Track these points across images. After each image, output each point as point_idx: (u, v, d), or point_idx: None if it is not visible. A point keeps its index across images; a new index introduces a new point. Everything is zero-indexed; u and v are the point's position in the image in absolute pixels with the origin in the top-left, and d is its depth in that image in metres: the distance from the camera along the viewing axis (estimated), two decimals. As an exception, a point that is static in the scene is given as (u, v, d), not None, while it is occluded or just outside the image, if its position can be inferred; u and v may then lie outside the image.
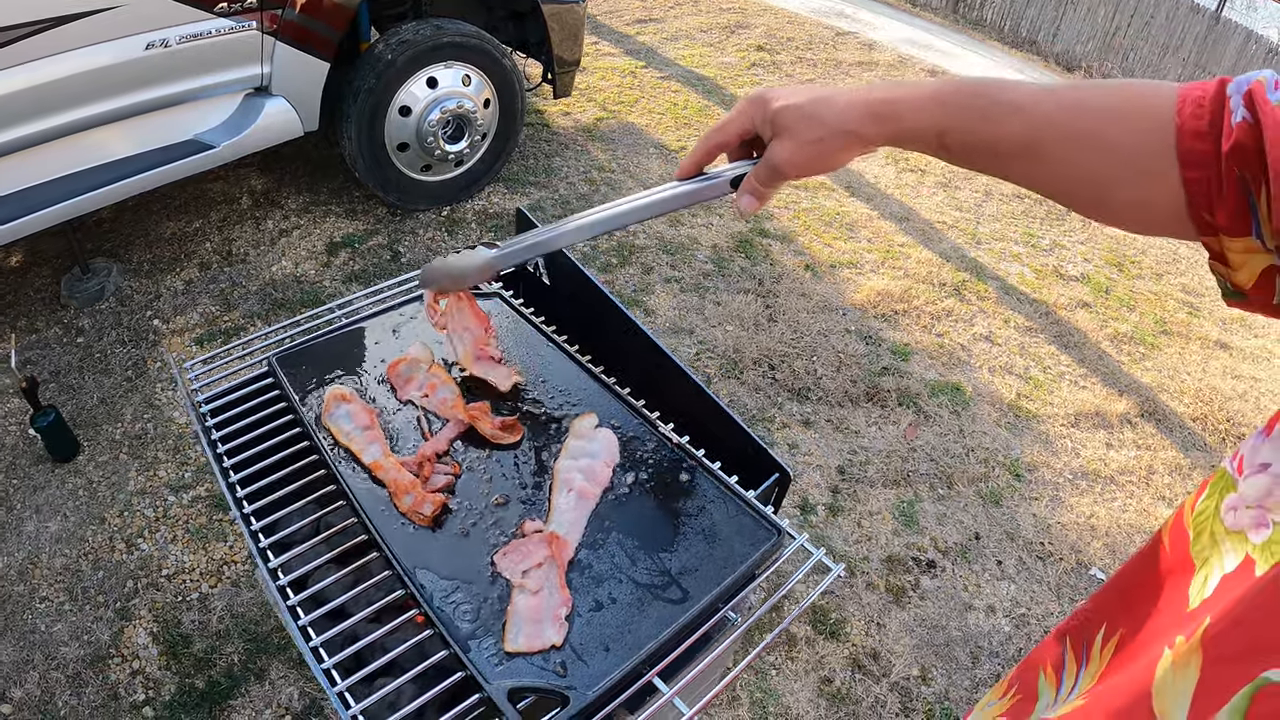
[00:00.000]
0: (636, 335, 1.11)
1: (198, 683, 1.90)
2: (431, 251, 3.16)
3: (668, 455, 1.00)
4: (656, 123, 4.38)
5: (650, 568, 0.85)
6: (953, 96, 0.63)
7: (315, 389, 1.06)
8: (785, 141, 0.69)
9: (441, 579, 0.84)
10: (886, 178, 4.23)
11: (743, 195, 0.75)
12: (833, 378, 2.90)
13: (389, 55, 2.85)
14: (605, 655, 0.77)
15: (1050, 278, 3.67)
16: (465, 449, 1.01)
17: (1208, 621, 0.46)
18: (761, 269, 3.37)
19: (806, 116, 0.67)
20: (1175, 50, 6.38)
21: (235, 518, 0.88)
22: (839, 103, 0.66)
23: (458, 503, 0.94)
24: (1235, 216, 0.52)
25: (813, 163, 0.69)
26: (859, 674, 2.06)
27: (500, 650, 0.77)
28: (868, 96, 0.66)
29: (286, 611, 0.80)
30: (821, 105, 0.67)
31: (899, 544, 2.39)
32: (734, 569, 0.84)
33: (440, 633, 0.78)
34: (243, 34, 2.51)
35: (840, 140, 0.67)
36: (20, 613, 2.01)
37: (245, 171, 3.45)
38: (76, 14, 2.17)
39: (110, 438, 2.38)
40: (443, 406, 1.04)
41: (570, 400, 1.09)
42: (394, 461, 0.93)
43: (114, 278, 2.83)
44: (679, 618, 0.80)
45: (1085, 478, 2.75)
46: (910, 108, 0.64)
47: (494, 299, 1.22)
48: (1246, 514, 0.50)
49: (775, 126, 0.69)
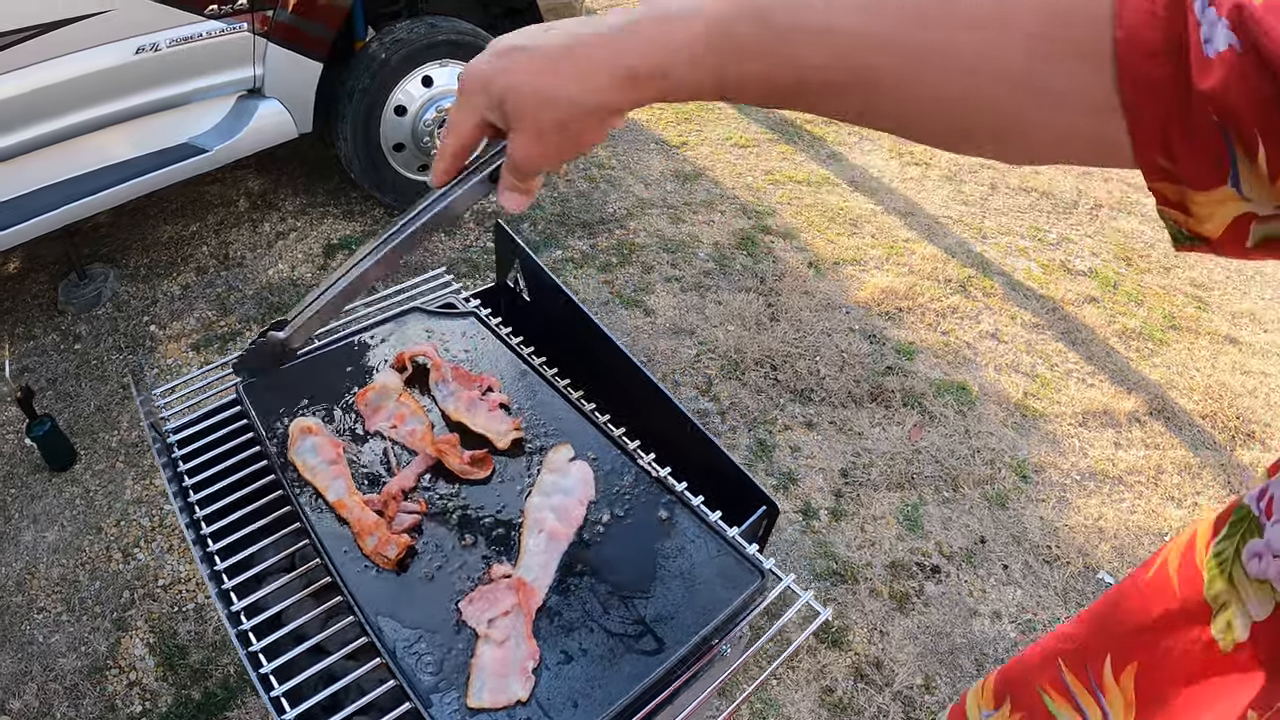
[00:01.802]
0: (620, 357, 1.07)
1: (194, 694, 1.90)
2: (429, 253, 3.14)
3: (646, 490, 0.95)
4: (657, 119, 4.33)
5: (624, 616, 0.81)
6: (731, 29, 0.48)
7: (284, 418, 1.02)
8: (520, 135, 0.56)
9: (405, 627, 0.81)
10: (890, 172, 4.17)
11: (503, 193, 0.64)
12: (836, 378, 2.87)
13: (383, 54, 2.81)
14: (574, 712, 0.74)
15: (1057, 273, 3.61)
16: (433, 484, 0.97)
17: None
18: (764, 267, 3.33)
19: (539, 100, 0.54)
20: None
21: (196, 557, 0.85)
22: (576, 70, 0.52)
23: (424, 543, 0.90)
24: (1206, 166, 0.40)
25: (561, 151, 0.58)
26: (861, 683, 2.03)
27: (464, 705, 0.74)
28: (615, 55, 0.51)
29: (246, 659, 0.77)
30: (553, 80, 0.53)
31: (903, 549, 2.36)
32: (713, 615, 0.81)
33: (401, 685, 0.75)
34: (234, 36, 2.48)
35: (587, 120, 0.54)
36: (18, 624, 2.01)
37: (242, 174, 3.43)
38: (65, 20, 2.14)
39: (107, 446, 2.38)
40: (411, 438, 1.00)
41: (546, 429, 1.05)
42: (358, 500, 0.90)
43: (111, 283, 2.81)
44: (653, 671, 0.76)
45: (1093, 478, 2.71)
46: (677, 60, 0.49)
47: (469, 318, 1.19)
48: (1274, 563, 0.46)
49: (506, 117, 0.56)
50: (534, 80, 0.53)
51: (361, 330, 1.18)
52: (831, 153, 4.25)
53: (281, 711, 0.72)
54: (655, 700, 0.73)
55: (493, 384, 1.06)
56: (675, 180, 3.81)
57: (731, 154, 4.10)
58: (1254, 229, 0.42)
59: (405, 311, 1.21)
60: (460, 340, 1.17)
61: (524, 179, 0.62)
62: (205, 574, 0.85)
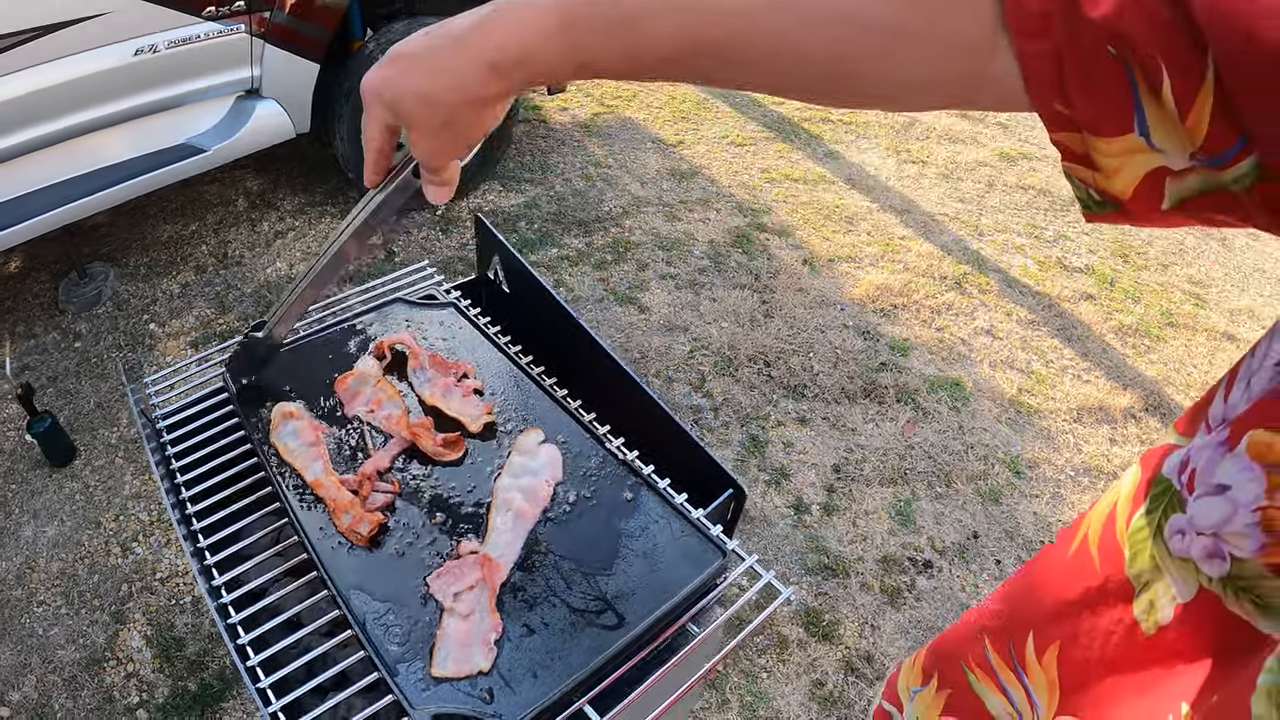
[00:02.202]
0: (592, 345, 1.09)
1: (190, 685, 1.92)
2: (427, 251, 3.16)
3: (613, 472, 0.98)
4: (654, 117, 4.35)
5: (586, 592, 0.83)
6: (577, 13, 0.50)
7: (268, 404, 1.05)
8: (415, 135, 0.61)
9: (375, 600, 0.83)
10: (887, 169, 4.18)
11: (425, 188, 0.70)
12: (829, 374, 2.88)
13: (380, 55, 2.83)
14: (534, 682, 0.75)
15: (1054, 269, 3.62)
16: (406, 466, 1.00)
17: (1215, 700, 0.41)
18: (758, 264, 3.34)
19: (420, 101, 0.57)
20: None
21: (179, 535, 0.88)
22: (445, 69, 0.55)
23: (396, 521, 0.92)
24: (1108, 109, 0.37)
25: (456, 143, 0.62)
26: (852, 676, 2.04)
27: (428, 674, 0.76)
28: (478, 52, 0.53)
29: (225, 631, 0.80)
30: (428, 81, 0.56)
31: (895, 544, 2.37)
32: (674, 593, 0.82)
33: (370, 656, 0.77)
34: (231, 37, 2.51)
35: (468, 111, 0.58)
36: (18, 617, 2.04)
37: (241, 173, 3.46)
38: (65, 22, 2.18)
39: (106, 442, 2.41)
40: (387, 422, 1.03)
41: (519, 414, 1.07)
42: (334, 480, 0.93)
43: (111, 282, 2.85)
44: (612, 644, 0.78)
45: (1087, 474, 2.71)
46: (535, 47, 0.52)
47: (449, 309, 1.21)
48: (1198, 542, 0.43)
49: (401, 120, 0.60)
50: (413, 83, 0.57)
51: (345, 320, 1.21)
52: (828, 151, 4.26)
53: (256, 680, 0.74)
54: (616, 673, 0.75)
55: (468, 370, 1.09)
56: (671, 178, 3.83)
57: (728, 152, 4.12)
58: (1169, 188, 0.39)
59: (388, 302, 1.24)
60: (438, 329, 1.20)
61: (435, 172, 0.67)
62: (189, 551, 0.88)
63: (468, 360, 1.13)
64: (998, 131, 4.75)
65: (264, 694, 0.75)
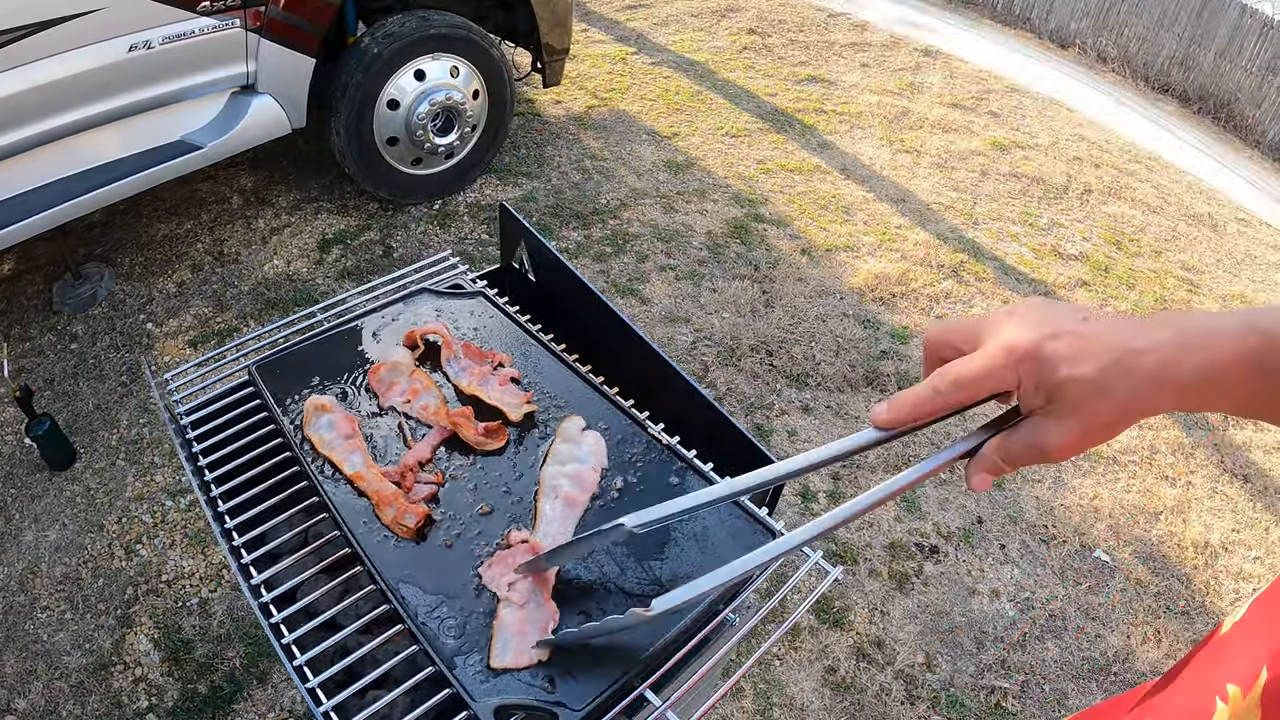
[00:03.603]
0: (625, 332, 1.09)
1: (200, 688, 1.90)
2: (424, 246, 3.14)
3: (657, 457, 0.98)
4: (648, 109, 4.34)
5: (640, 577, 0.83)
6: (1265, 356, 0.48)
7: (296, 397, 1.04)
8: (1066, 422, 0.52)
9: (426, 594, 0.82)
10: (881, 160, 4.19)
11: (977, 473, 0.58)
12: (831, 363, 2.89)
13: (375, 49, 2.81)
14: (594, 669, 0.75)
15: (1049, 257, 3.64)
16: (449, 456, 0.99)
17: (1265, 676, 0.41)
18: (757, 254, 3.35)
19: (1100, 392, 0.50)
20: (1169, 25, 6.31)
21: (216, 533, 0.86)
22: (1144, 371, 0.49)
23: (442, 513, 0.92)
24: None
25: (1093, 444, 0.53)
26: (863, 662, 2.06)
27: (486, 667, 0.76)
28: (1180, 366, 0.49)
29: (270, 630, 0.78)
30: (1121, 376, 0.50)
31: (901, 530, 2.38)
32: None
33: (425, 649, 0.76)
34: (226, 32, 2.48)
35: (1137, 418, 0.52)
36: (22, 623, 2.01)
37: (235, 171, 3.42)
38: (58, 18, 2.14)
39: (106, 444, 2.38)
40: (425, 412, 1.02)
41: (557, 401, 1.07)
42: (376, 472, 0.92)
43: (106, 282, 2.81)
44: (670, 628, 0.78)
45: (1087, 459, 2.74)
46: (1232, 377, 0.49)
47: (477, 298, 1.20)
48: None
49: (1055, 400, 0.52)
50: (1101, 376, 0.50)
51: (371, 311, 1.20)
52: (822, 141, 4.27)
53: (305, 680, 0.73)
54: (675, 657, 0.75)
55: (503, 360, 1.08)
56: (667, 170, 3.82)
57: (723, 143, 4.12)
58: None
59: (414, 292, 1.23)
60: (469, 319, 1.19)
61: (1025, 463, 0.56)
62: (225, 549, 0.86)
63: (500, 349, 1.12)
64: (990, 120, 4.78)
65: (314, 693, 0.74)
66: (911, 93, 4.99)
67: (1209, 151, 5.51)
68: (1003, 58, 6.04)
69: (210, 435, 1.02)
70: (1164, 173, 4.77)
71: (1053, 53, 6.64)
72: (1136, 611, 2.28)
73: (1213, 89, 6.19)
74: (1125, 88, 6.31)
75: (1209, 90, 6.21)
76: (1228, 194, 4.84)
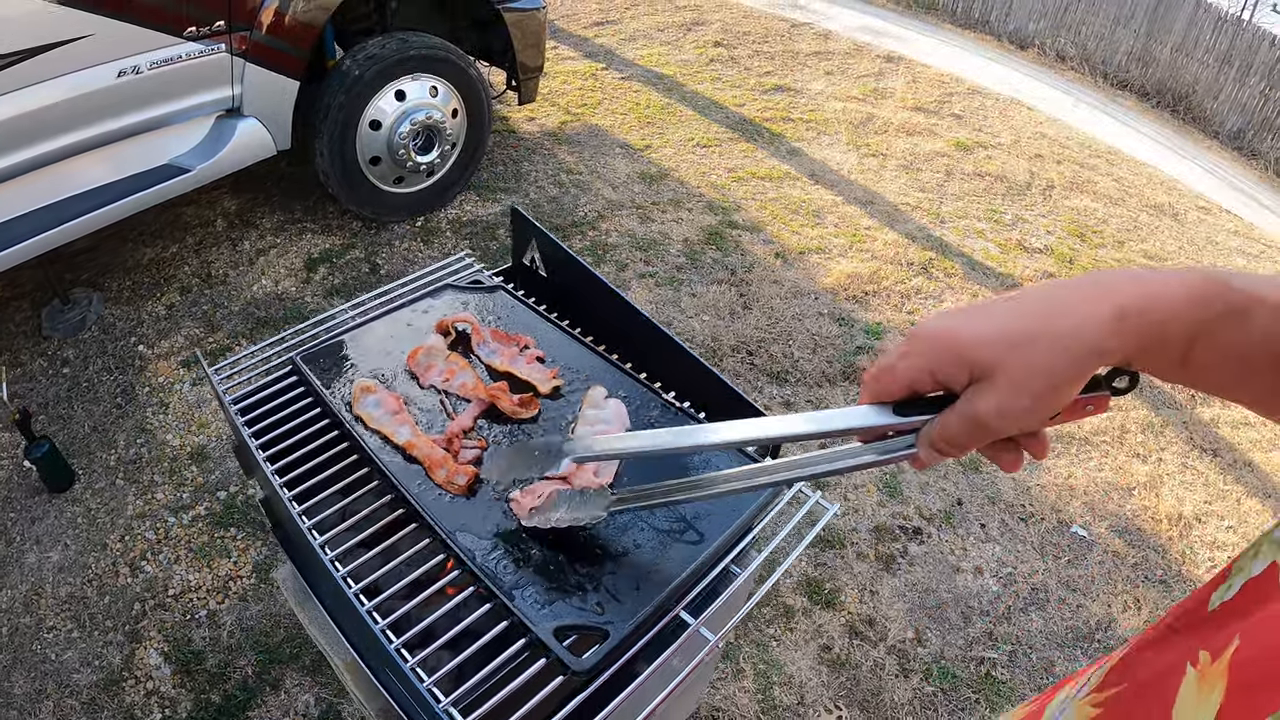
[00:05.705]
0: (635, 315, 1.21)
1: (214, 698, 1.93)
2: (409, 262, 3.20)
3: (673, 420, 1.11)
4: (620, 123, 4.44)
5: (668, 516, 0.96)
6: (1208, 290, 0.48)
7: (339, 383, 1.15)
8: (991, 384, 0.50)
9: (480, 539, 0.94)
10: (849, 164, 4.32)
11: (921, 447, 0.57)
12: (809, 360, 2.99)
13: (356, 71, 2.88)
14: (637, 594, 0.87)
15: (1015, 251, 3.79)
16: (489, 426, 1.11)
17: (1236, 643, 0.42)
18: (733, 259, 3.45)
19: (1027, 343, 0.49)
20: (1126, 22, 6.54)
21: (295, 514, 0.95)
22: (1076, 312, 0.48)
23: (487, 473, 1.04)
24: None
25: (1037, 407, 0.50)
26: (856, 640, 2.14)
27: (542, 596, 0.87)
28: (1114, 296, 0.48)
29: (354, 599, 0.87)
30: (1035, 323, 0.49)
31: (885, 514, 2.48)
32: (742, 511, 0.96)
33: (486, 585, 0.87)
34: (212, 57, 2.54)
35: (1081, 366, 0.49)
36: (29, 644, 2.02)
37: (218, 194, 3.47)
38: (47, 45, 2.19)
39: (105, 464, 2.40)
40: (464, 389, 1.14)
41: (579, 376, 1.19)
42: (426, 440, 1.03)
43: (95, 307, 2.84)
44: (698, 556, 0.91)
45: (1060, 440, 2.85)
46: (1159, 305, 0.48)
47: (496, 292, 1.32)
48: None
49: (976, 368, 0.51)
50: (1025, 326, 0.49)
51: (401, 305, 1.31)
52: (791, 149, 4.40)
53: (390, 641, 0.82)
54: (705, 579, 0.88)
55: (528, 342, 1.22)
56: (642, 181, 3.92)
57: (695, 154, 4.23)
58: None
59: (440, 288, 1.36)
60: (492, 309, 1.33)
61: (968, 442, 0.54)
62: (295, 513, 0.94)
63: (522, 334, 1.24)
64: (953, 122, 4.94)
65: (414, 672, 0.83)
66: (876, 98, 5.15)
67: (1168, 144, 5.72)
68: (964, 60, 6.24)
69: (259, 420, 1.12)
70: (1124, 166, 4.96)
71: (1012, 54, 6.86)
72: (1116, 581, 2.39)
73: (1170, 83, 6.40)
74: (1084, 85, 6.52)
75: (1167, 84, 6.42)
76: (1188, 183, 5.03)
